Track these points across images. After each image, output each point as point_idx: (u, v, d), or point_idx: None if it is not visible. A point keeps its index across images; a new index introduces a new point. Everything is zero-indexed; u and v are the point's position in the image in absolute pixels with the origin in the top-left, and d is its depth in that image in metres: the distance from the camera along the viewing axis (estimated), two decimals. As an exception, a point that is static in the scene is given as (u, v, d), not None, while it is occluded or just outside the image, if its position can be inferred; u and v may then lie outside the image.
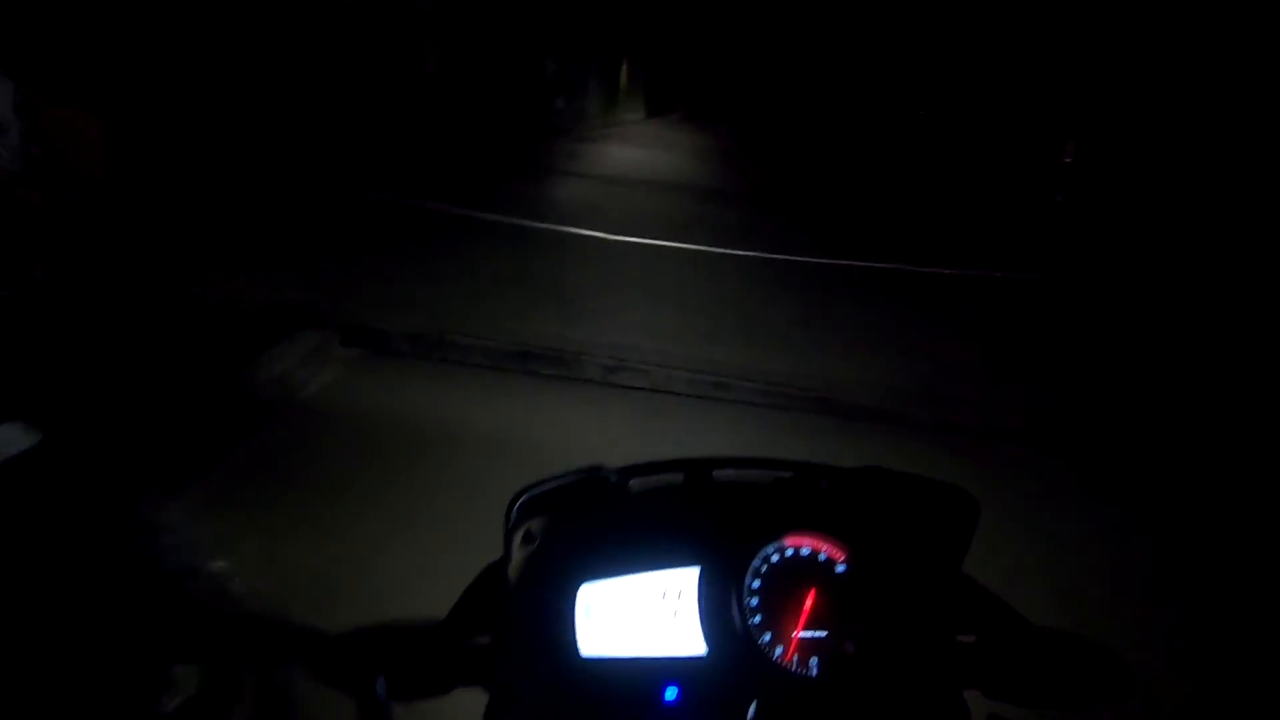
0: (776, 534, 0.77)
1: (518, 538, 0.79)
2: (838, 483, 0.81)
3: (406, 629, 0.81)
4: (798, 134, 18.54)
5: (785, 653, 0.74)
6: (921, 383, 4.19)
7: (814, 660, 0.73)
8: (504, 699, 0.75)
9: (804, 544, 0.77)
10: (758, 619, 0.74)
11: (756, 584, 0.75)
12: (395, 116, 8.18)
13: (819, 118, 20.48)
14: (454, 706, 0.80)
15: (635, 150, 13.06)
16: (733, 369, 4.06)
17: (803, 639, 0.74)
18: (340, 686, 0.79)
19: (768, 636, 0.74)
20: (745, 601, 0.74)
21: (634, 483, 0.83)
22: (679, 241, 6.47)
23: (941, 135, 17.40)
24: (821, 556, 0.76)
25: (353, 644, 0.80)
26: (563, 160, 10.68)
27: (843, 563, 0.76)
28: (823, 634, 0.74)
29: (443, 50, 9.00)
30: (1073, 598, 2.58)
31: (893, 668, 0.73)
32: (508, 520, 0.79)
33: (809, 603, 0.75)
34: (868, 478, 0.80)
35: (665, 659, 0.75)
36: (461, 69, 9.41)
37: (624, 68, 17.77)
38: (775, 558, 0.76)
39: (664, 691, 0.73)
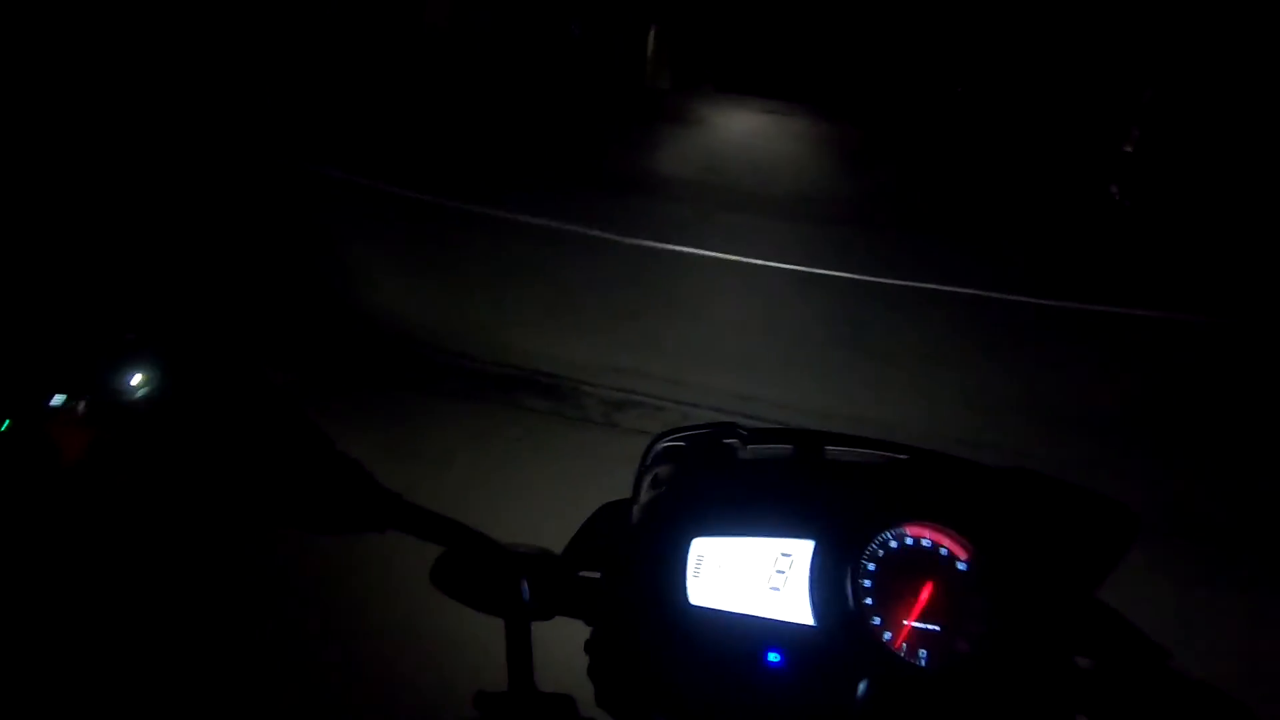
0: (899, 520, 0.77)
1: (647, 480, 0.83)
2: (976, 479, 0.80)
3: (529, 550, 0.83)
4: (826, 111, 17.85)
5: (895, 639, 0.74)
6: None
7: (923, 652, 0.73)
8: (608, 634, 0.79)
9: (925, 535, 0.77)
10: (869, 600, 0.75)
11: (872, 567, 0.75)
12: (401, 83, 7.81)
13: (849, 92, 19.84)
14: (554, 633, 0.82)
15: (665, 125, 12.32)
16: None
17: (914, 629, 0.74)
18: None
19: (878, 620, 0.74)
20: (859, 582, 0.75)
21: (761, 448, 0.85)
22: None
23: (981, 115, 15.28)
24: (943, 551, 0.76)
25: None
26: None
27: (965, 561, 0.75)
28: (936, 628, 0.74)
29: (455, 7, 8.53)
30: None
31: (1005, 675, 0.72)
32: (643, 462, 0.84)
33: (925, 594, 0.75)
34: (1011, 478, 0.79)
35: (772, 621, 0.76)
36: (477, 28, 8.99)
37: (651, 35, 17.49)
38: (894, 544, 0.76)
39: (767, 654, 0.74)
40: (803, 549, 0.78)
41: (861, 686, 0.71)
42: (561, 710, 0.80)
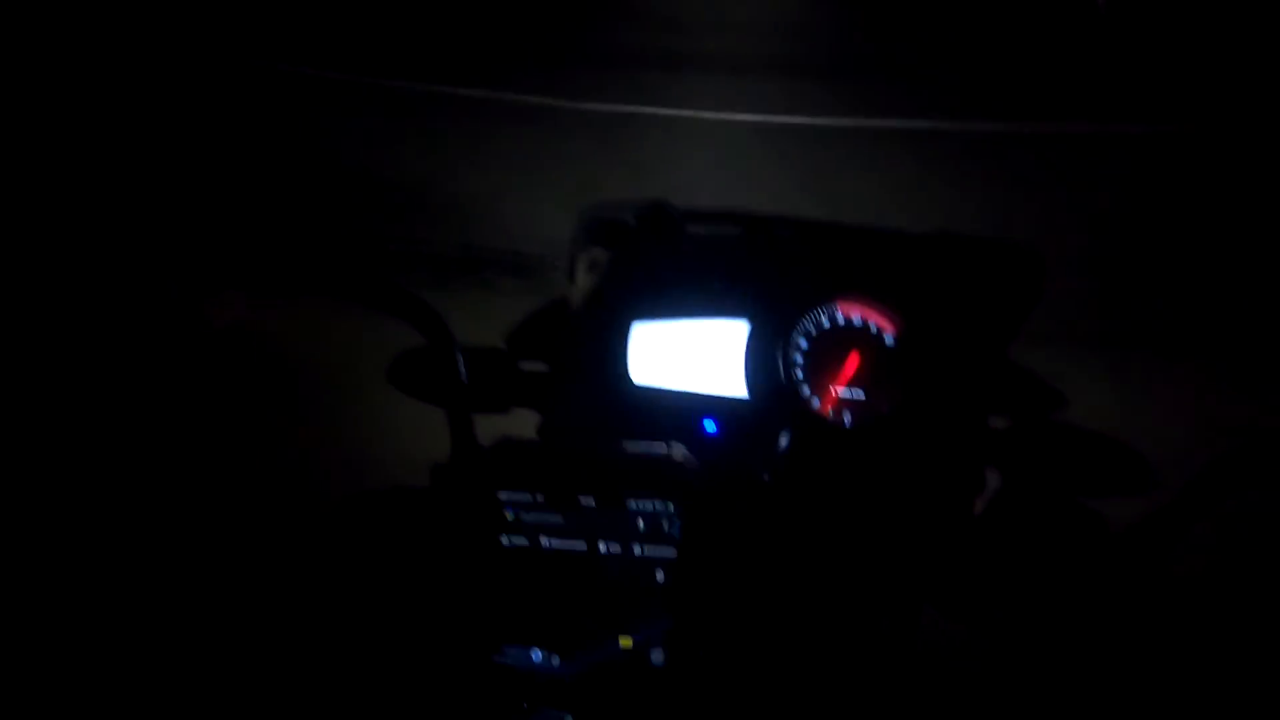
0: (829, 297, 0.79)
1: (582, 263, 0.85)
2: (900, 248, 0.83)
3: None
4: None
5: (822, 404, 0.80)
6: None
7: (848, 415, 0.79)
8: (557, 419, 0.84)
9: (855, 312, 0.79)
10: (800, 374, 0.79)
11: (803, 343, 0.80)
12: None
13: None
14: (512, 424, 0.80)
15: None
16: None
17: (840, 396, 0.79)
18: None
19: (807, 390, 0.79)
20: (790, 356, 0.79)
21: (695, 228, 0.87)
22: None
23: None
24: (873, 327, 0.79)
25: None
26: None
27: (891, 334, 0.78)
28: (860, 395, 0.79)
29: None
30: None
31: (921, 434, 0.77)
32: (575, 240, 0.85)
33: (852, 365, 0.79)
34: (931, 242, 0.82)
35: (710, 396, 0.81)
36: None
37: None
38: (825, 320, 0.79)
39: (704, 424, 0.81)
40: (738, 328, 0.82)
41: (782, 439, 0.77)
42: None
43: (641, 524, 0.67)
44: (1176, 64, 7.03)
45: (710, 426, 0.82)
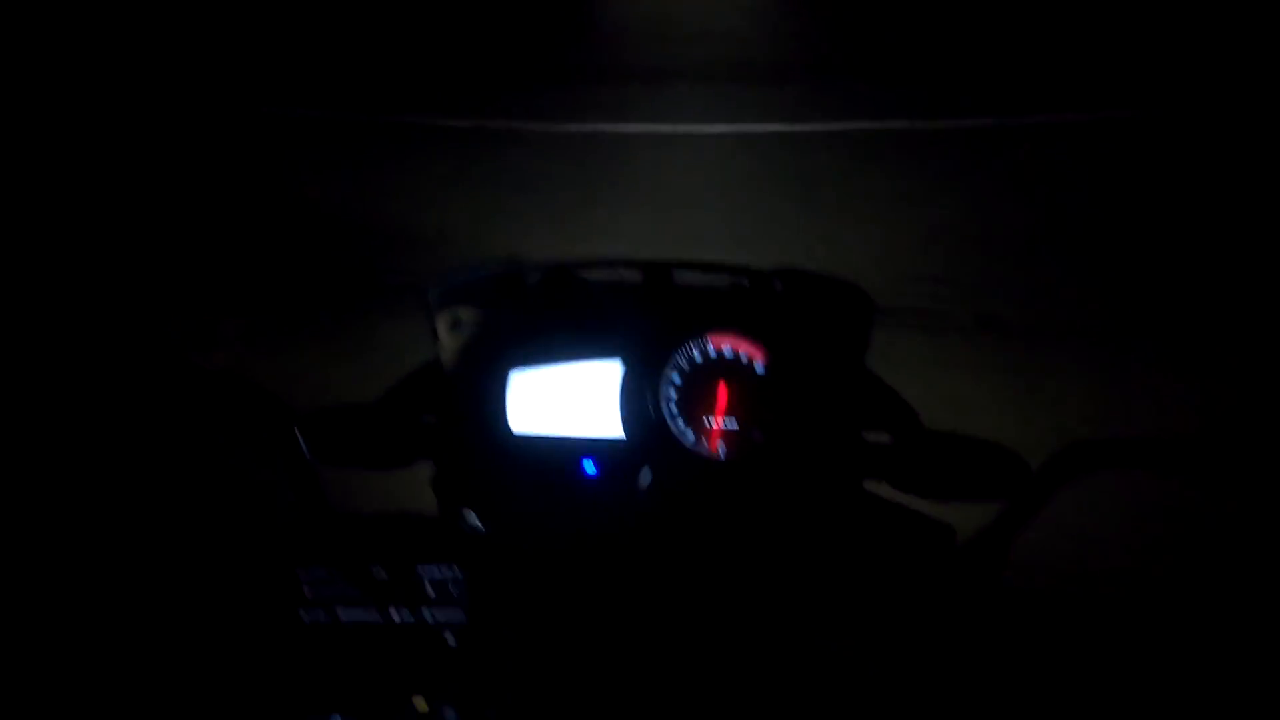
0: (699, 332, 0.81)
1: (444, 323, 0.87)
2: (757, 282, 0.85)
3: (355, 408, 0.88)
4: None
5: (696, 439, 0.81)
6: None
7: (722, 446, 0.80)
8: (446, 469, 0.86)
9: (725, 343, 0.81)
10: (674, 409, 0.81)
11: (676, 378, 0.81)
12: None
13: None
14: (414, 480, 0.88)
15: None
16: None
17: (714, 429, 0.81)
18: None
19: (681, 424, 0.81)
20: (663, 392, 0.81)
21: (561, 275, 0.89)
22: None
23: None
24: (743, 357, 0.81)
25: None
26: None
27: (761, 363, 0.81)
28: (734, 425, 0.81)
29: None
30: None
31: (797, 457, 0.79)
32: (427, 307, 0.87)
33: (722, 396, 0.81)
34: (785, 276, 0.85)
35: (587, 439, 0.84)
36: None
37: None
38: (697, 355, 0.82)
39: (583, 466, 0.82)
40: (611, 369, 0.84)
41: (643, 475, 0.79)
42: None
43: (430, 590, 0.70)
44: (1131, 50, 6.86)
45: (590, 468, 0.84)
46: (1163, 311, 3.42)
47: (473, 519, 0.73)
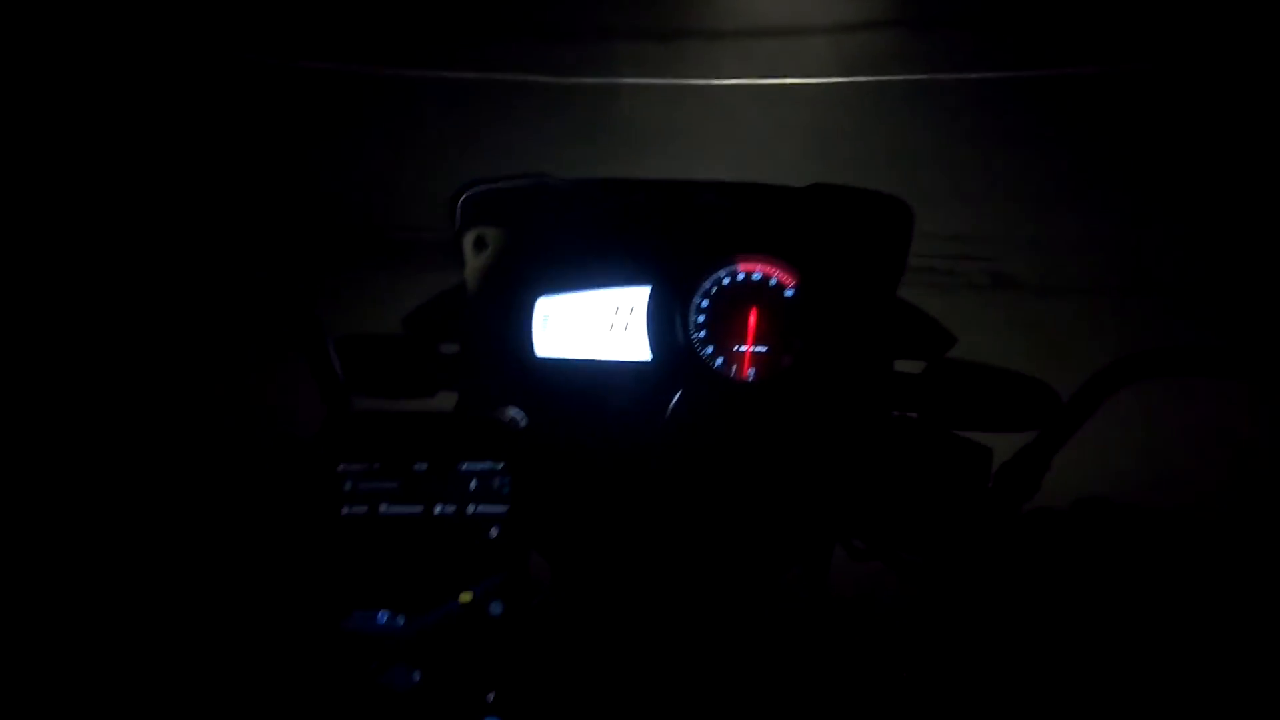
0: (729, 257, 0.80)
1: (468, 241, 0.86)
2: (789, 203, 0.83)
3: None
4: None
5: (725, 364, 0.80)
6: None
7: (751, 371, 0.80)
8: (469, 397, 0.85)
9: (755, 268, 0.80)
10: (702, 334, 0.80)
11: (705, 303, 0.81)
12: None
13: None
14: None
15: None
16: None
17: (743, 352, 0.80)
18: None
19: (710, 350, 0.80)
20: (691, 318, 0.80)
21: (589, 198, 0.86)
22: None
23: None
24: (772, 281, 0.80)
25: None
26: None
27: (791, 287, 0.79)
28: (763, 349, 0.80)
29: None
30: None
31: (825, 382, 0.78)
32: (453, 219, 0.85)
33: (752, 321, 0.80)
34: (816, 195, 0.82)
35: (614, 363, 0.82)
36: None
37: None
38: (726, 280, 0.80)
39: (610, 391, 0.82)
40: (640, 295, 0.83)
41: (674, 399, 0.77)
42: None
43: (474, 484, 0.69)
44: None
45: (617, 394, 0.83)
46: (1178, 267, 3.37)
47: (514, 414, 0.72)
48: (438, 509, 0.69)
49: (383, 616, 0.68)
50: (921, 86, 5.47)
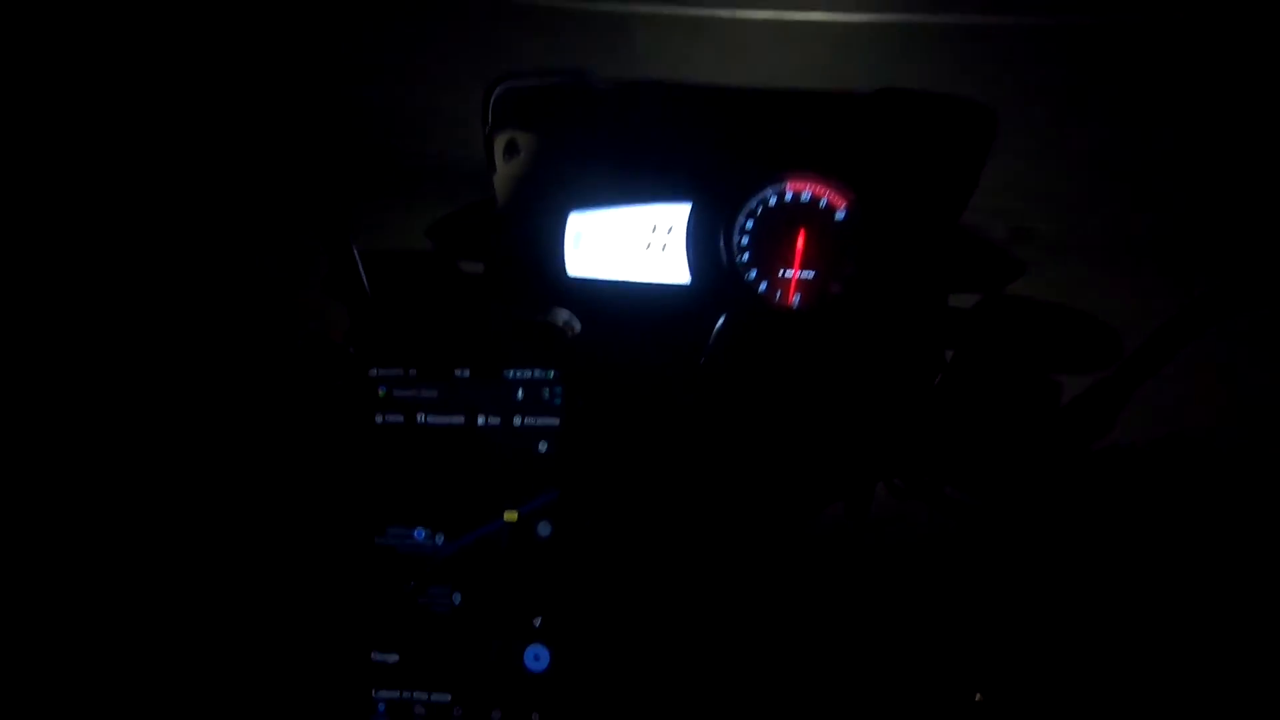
0: (777, 175, 0.74)
1: (499, 145, 0.79)
2: (849, 113, 0.76)
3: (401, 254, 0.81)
4: None
5: (770, 288, 0.74)
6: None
7: (798, 297, 0.74)
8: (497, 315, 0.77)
9: (805, 188, 0.74)
10: (746, 256, 0.75)
11: (749, 224, 0.75)
12: None
13: None
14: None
15: None
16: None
17: (789, 278, 0.74)
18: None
19: (754, 273, 0.74)
20: (735, 240, 0.75)
21: (627, 104, 0.79)
22: None
23: None
24: (822, 202, 0.74)
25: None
26: None
27: (843, 209, 0.73)
28: (810, 274, 0.74)
29: None
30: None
31: (876, 313, 0.73)
32: (485, 117, 0.78)
33: (800, 244, 0.74)
34: (880, 104, 0.75)
35: (650, 284, 0.77)
36: None
37: None
38: (773, 200, 0.74)
39: (647, 315, 0.77)
40: (679, 213, 0.76)
41: (719, 323, 0.71)
42: None
43: (521, 394, 0.63)
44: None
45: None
46: (1190, 225, 3.29)
47: (566, 317, 0.66)
48: (481, 420, 0.63)
49: (420, 534, 0.63)
50: (962, 29, 5.29)
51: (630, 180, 0.79)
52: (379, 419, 0.64)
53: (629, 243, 0.78)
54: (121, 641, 0.64)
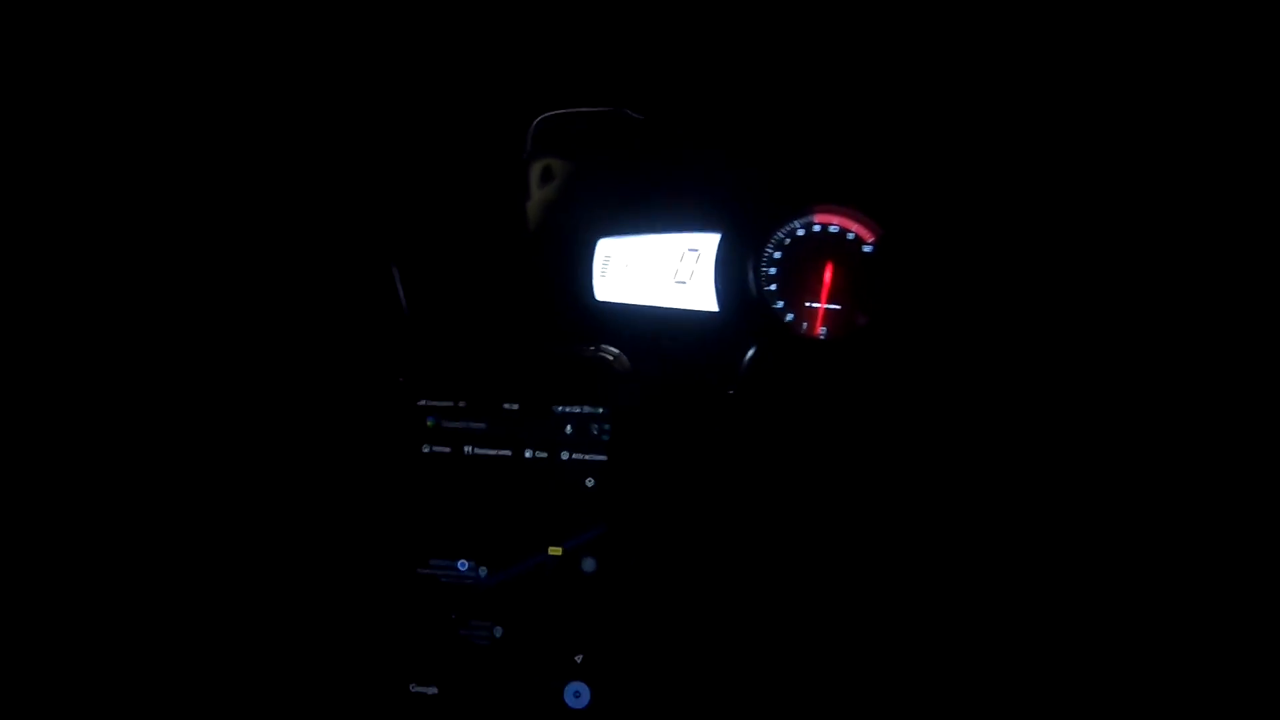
0: (806, 208, 0.74)
1: (535, 171, 0.81)
2: (879, 150, 0.76)
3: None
4: None
5: (796, 319, 0.75)
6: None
7: (824, 329, 0.75)
8: (526, 332, 0.80)
9: (833, 221, 0.75)
10: (773, 287, 0.75)
11: (778, 255, 0.75)
12: None
13: None
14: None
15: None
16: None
17: (816, 309, 0.75)
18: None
19: (780, 303, 0.75)
20: (763, 270, 0.75)
21: (660, 135, 0.81)
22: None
23: None
24: (850, 235, 0.74)
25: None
26: None
27: (870, 243, 0.74)
28: (837, 306, 0.75)
29: None
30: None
31: (903, 348, 0.73)
32: (524, 146, 0.79)
33: (828, 277, 0.75)
34: (913, 144, 0.75)
35: (677, 310, 0.78)
36: None
37: None
38: (801, 231, 0.75)
39: (675, 341, 0.77)
40: (709, 242, 0.77)
41: (749, 352, 0.72)
42: None
43: (569, 429, 0.63)
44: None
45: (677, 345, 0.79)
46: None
47: (617, 354, 0.66)
48: (528, 453, 0.63)
49: (464, 565, 0.63)
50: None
51: (660, 209, 0.80)
52: (426, 449, 0.64)
53: (657, 270, 0.80)
54: (162, 669, 0.64)
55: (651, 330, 0.79)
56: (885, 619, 0.70)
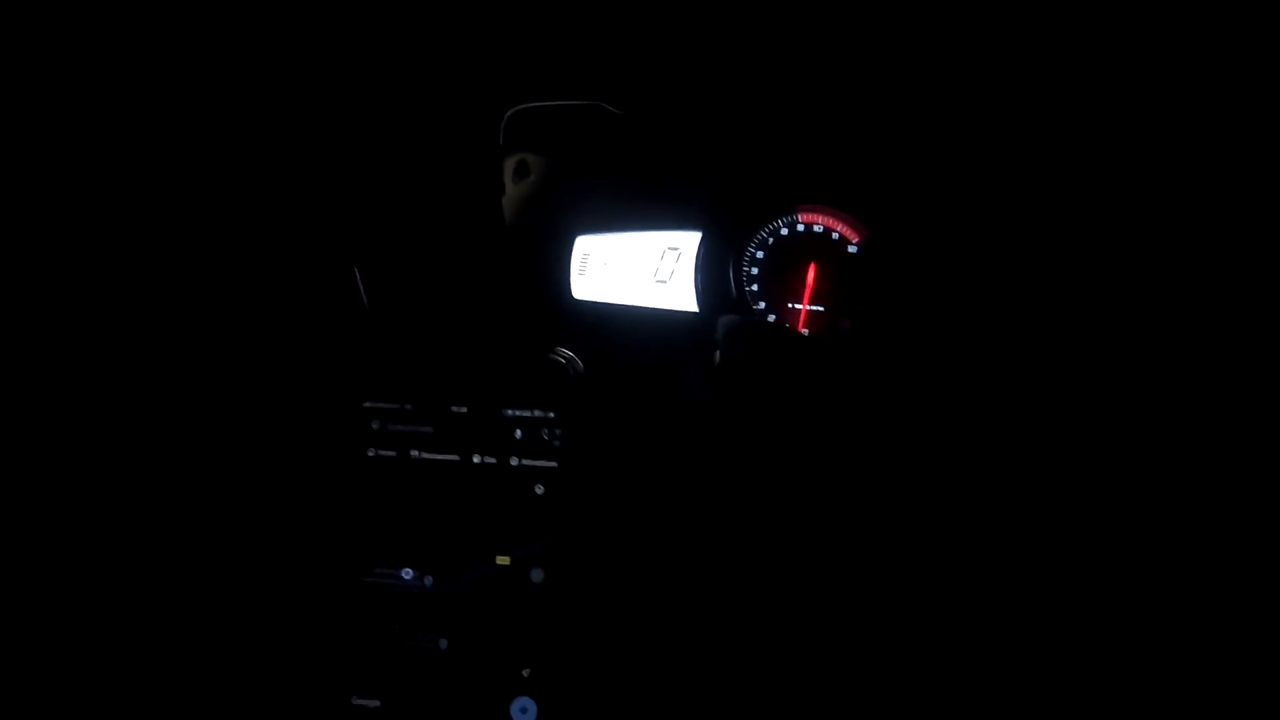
0: (788, 206, 0.72)
1: (509, 166, 0.78)
2: (864, 149, 0.74)
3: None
4: None
5: (778, 318, 0.73)
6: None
7: (806, 329, 0.73)
8: (494, 336, 0.77)
9: (817, 220, 0.72)
10: (755, 287, 0.73)
11: (760, 254, 0.73)
12: None
13: None
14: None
15: None
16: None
17: (798, 310, 0.73)
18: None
19: (762, 305, 0.73)
20: (744, 270, 0.73)
21: (639, 131, 0.78)
22: None
23: None
24: (834, 235, 0.72)
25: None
26: None
27: (855, 244, 0.72)
28: (820, 309, 0.73)
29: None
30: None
31: (885, 346, 0.71)
32: (497, 139, 0.77)
33: (810, 278, 0.73)
34: (898, 143, 0.72)
35: (657, 310, 0.76)
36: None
37: None
38: (784, 231, 0.73)
39: (654, 341, 0.75)
40: (689, 241, 0.75)
41: (738, 350, 0.69)
42: None
43: (519, 434, 0.61)
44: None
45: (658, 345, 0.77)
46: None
47: (569, 356, 0.64)
48: (477, 458, 0.61)
49: (408, 573, 0.61)
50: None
51: (640, 206, 0.78)
52: (371, 453, 0.61)
53: (636, 269, 0.77)
54: (91, 677, 0.62)
55: (629, 329, 0.77)
56: (851, 633, 0.68)
